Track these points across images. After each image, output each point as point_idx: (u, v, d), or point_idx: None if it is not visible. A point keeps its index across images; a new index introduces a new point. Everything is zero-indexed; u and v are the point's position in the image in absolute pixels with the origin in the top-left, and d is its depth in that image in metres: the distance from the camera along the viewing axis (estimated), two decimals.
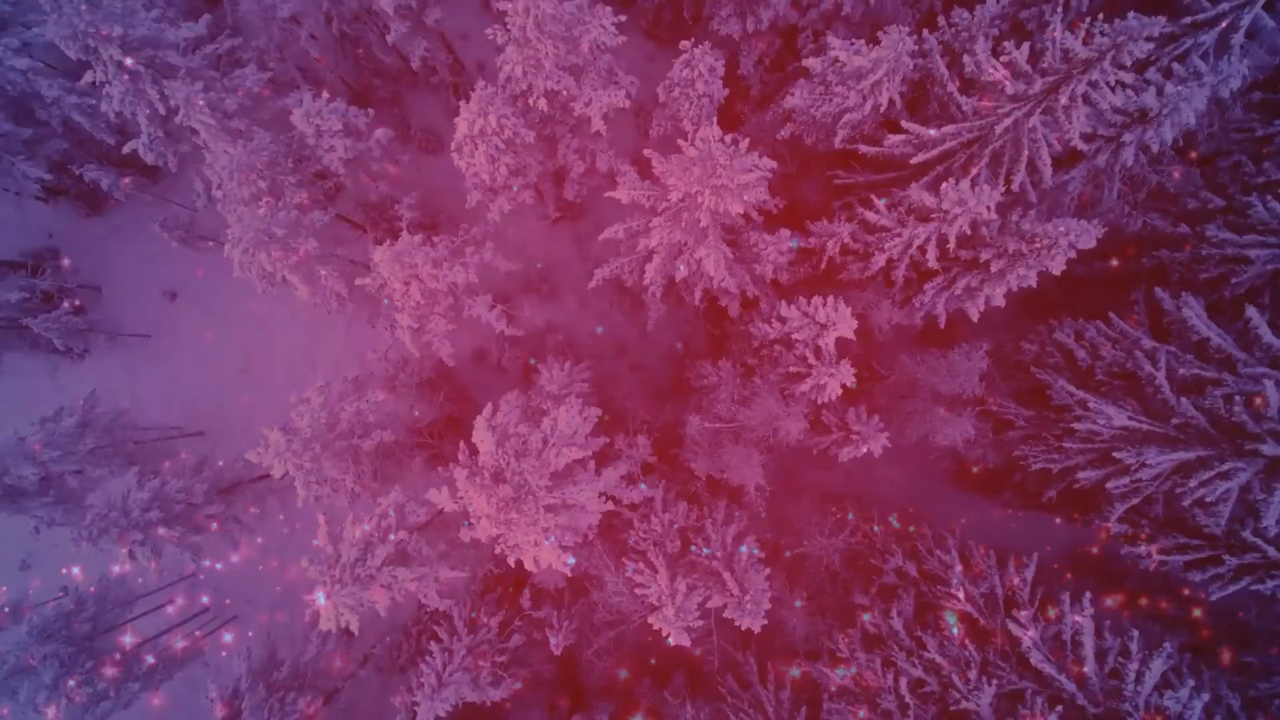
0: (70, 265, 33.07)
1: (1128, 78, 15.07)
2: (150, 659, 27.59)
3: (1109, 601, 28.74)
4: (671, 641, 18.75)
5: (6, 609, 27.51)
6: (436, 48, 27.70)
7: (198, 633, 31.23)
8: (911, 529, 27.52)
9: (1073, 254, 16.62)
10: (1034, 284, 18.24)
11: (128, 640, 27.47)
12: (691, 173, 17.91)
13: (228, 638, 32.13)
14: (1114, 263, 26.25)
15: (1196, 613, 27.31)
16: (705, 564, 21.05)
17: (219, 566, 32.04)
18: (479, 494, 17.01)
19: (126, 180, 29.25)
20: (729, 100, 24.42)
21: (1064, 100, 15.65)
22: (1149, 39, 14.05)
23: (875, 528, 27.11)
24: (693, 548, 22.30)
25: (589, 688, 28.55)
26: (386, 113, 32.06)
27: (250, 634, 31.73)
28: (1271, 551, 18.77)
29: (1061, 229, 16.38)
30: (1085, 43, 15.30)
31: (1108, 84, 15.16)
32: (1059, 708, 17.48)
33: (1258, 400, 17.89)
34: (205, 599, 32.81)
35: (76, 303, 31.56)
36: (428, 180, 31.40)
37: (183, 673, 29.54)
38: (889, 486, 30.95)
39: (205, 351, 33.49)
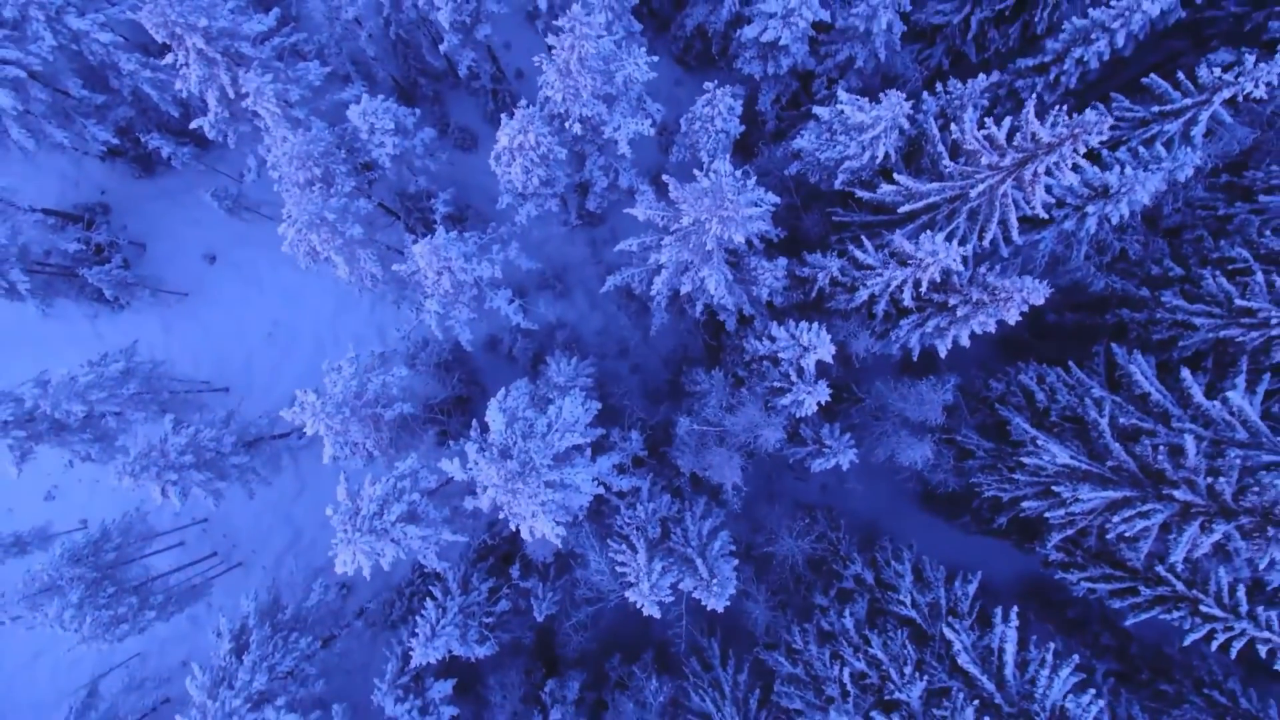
0: (119, 222, 35.49)
1: (1084, 162, 17.44)
2: (163, 592, 30.03)
3: (1049, 626, 31.23)
4: (645, 613, 21.13)
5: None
6: (482, 58, 30.06)
7: (208, 573, 33.62)
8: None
9: (1025, 307, 19.00)
10: (993, 329, 20.61)
11: (145, 573, 29.91)
12: (703, 202, 20.17)
13: (233, 581, 34.49)
14: (1081, 316, 28.66)
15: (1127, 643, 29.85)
16: (681, 550, 23.43)
17: (233, 514, 34.42)
18: (489, 466, 19.38)
19: (184, 149, 31.62)
20: (745, 133, 26.75)
21: (1028, 175, 18.04)
22: (1100, 132, 16.42)
23: (841, 536, 29.49)
24: (671, 536, 24.67)
25: (564, 658, 30.92)
26: (428, 110, 34.42)
27: (255, 579, 34.10)
28: (1179, 585, 21.15)
29: (1017, 285, 18.76)
30: (1053, 128, 17.69)
31: (1067, 165, 17.52)
32: (975, 702, 19.87)
33: (1179, 452, 20.23)
34: (215, 544, 35.24)
35: (124, 257, 33.99)
36: (461, 176, 33.80)
37: (191, 608, 31.95)
38: (859, 501, 33.37)
39: (237, 314, 35.86)
